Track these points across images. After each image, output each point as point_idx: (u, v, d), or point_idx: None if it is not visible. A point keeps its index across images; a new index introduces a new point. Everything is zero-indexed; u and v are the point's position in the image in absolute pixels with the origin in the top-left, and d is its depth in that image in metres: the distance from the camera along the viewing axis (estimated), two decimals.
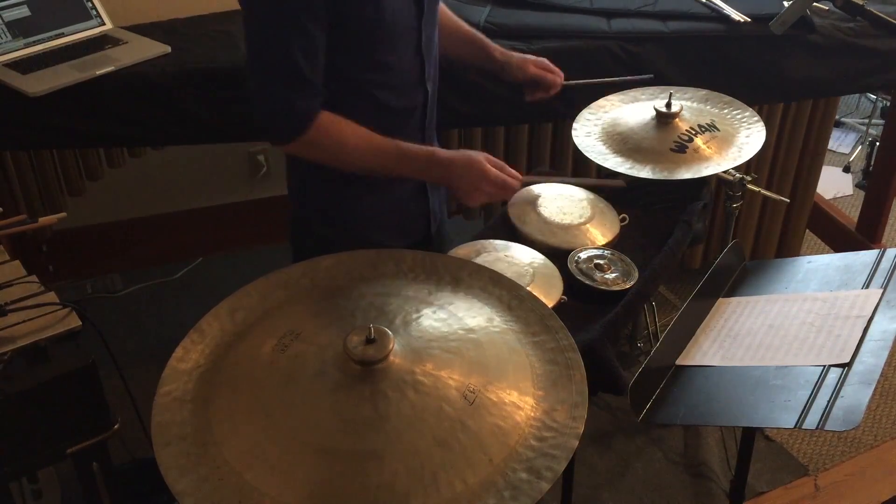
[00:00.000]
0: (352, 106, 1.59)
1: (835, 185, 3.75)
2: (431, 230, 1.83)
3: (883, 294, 1.45)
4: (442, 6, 1.81)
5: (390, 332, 1.11)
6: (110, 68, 2.08)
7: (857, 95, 4.28)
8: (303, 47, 1.47)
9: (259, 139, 2.39)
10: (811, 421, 1.22)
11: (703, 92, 2.07)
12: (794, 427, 1.22)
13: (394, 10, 1.53)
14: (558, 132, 2.49)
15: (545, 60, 1.94)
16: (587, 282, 1.60)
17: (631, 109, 2.01)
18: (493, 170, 1.62)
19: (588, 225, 1.76)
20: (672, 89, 2.03)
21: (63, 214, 1.73)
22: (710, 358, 1.44)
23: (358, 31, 1.52)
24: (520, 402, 1.10)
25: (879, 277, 1.50)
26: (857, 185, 3.75)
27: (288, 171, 1.76)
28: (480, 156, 1.62)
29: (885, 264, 1.53)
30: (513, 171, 1.65)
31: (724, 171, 1.88)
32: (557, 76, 1.95)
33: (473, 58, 1.91)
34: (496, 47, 1.91)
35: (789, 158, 2.72)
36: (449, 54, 1.85)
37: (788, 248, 2.92)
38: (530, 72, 1.91)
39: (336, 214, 1.72)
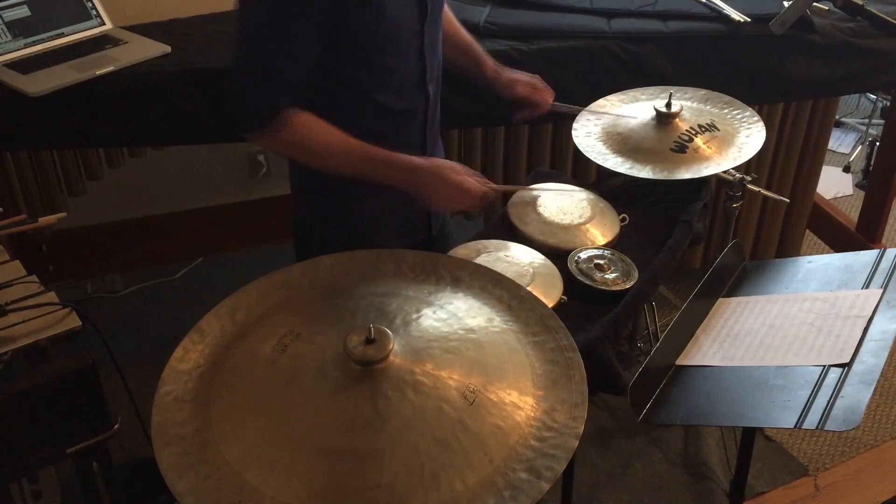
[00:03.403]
0: (351, 108, 1.59)
1: (835, 185, 3.75)
2: (433, 231, 1.82)
3: (883, 294, 1.45)
4: (446, 9, 1.80)
5: (390, 332, 1.11)
6: (110, 68, 2.08)
7: (857, 95, 4.28)
8: (288, 47, 1.47)
9: None
10: (811, 421, 1.22)
11: (703, 92, 2.07)
12: (794, 427, 1.22)
13: (395, 14, 1.53)
14: (558, 132, 2.49)
15: (536, 80, 1.91)
16: (587, 282, 1.60)
17: (631, 109, 2.01)
18: (459, 178, 1.58)
19: (588, 225, 1.76)
20: (672, 89, 2.03)
21: (63, 214, 1.73)
22: (710, 358, 1.44)
23: (358, 34, 1.51)
24: (520, 402, 1.10)
25: (879, 277, 1.50)
26: (857, 185, 3.75)
27: (291, 171, 1.76)
28: (448, 164, 1.59)
29: (885, 264, 1.53)
30: (482, 181, 1.61)
31: (724, 171, 1.88)
32: (545, 98, 1.91)
33: (466, 68, 1.88)
34: (489, 61, 1.88)
35: (789, 158, 2.72)
36: (445, 58, 1.84)
37: (788, 248, 2.92)
38: (518, 91, 1.88)
39: (337, 215, 1.72)
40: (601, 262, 1.65)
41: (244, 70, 1.52)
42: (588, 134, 1.97)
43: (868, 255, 1.58)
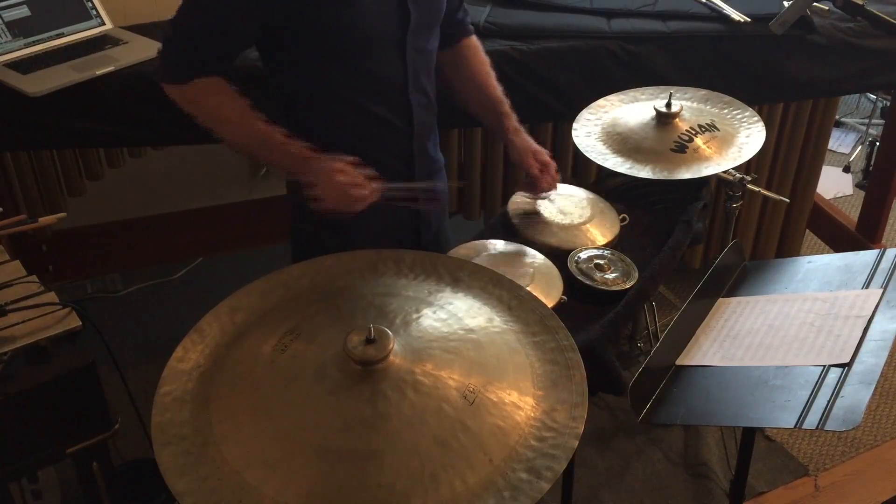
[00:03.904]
0: (334, 110, 1.59)
1: (835, 185, 3.75)
2: (422, 241, 1.80)
3: (883, 294, 1.45)
4: (480, 54, 1.79)
5: (390, 332, 1.11)
6: (110, 68, 2.08)
7: (857, 95, 4.28)
8: (223, 26, 1.50)
9: None
10: (811, 421, 1.22)
11: (703, 92, 2.07)
12: (794, 427, 1.22)
13: (371, 16, 1.52)
14: (558, 132, 2.49)
15: (548, 160, 1.77)
16: (587, 282, 1.60)
17: (631, 109, 2.01)
18: (347, 184, 1.53)
19: (588, 225, 1.76)
20: (672, 89, 2.03)
21: (63, 214, 1.73)
22: (710, 358, 1.44)
23: (330, 32, 1.51)
24: (520, 402, 1.10)
25: (879, 277, 1.50)
26: (857, 185, 3.75)
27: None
28: (342, 167, 1.54)
29: (885, 264, 1.53)
30: (372, 188, 1.55)
31: (724, 171, 1.88)
32: (549, 184, 1.76)
33: (486, 119, 1.80)
34: (512, 122, 1.76)
35: (789, 158, 2.72)
36: (466, 105, 1.80)
37: (788, 248, 2.92)
38: (525, 163, 1.75)
39: (328, 218, 1.71)
40: (601, 262, 1.65)
41: (177, 29, 1.53)
42: (588, 134, 1.97)
43: (868, 255, 1.58)
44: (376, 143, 1.64)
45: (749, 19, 2.35)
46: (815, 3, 2.43)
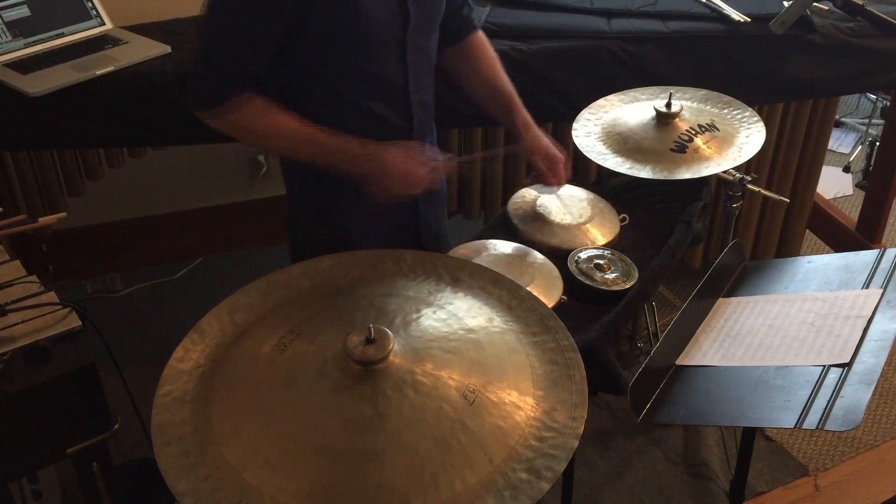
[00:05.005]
0: (334, 109, 1.59)
1: (835, 185, 3.75)
2: (421, 239, 1.80)
3: (883, 294, 1.45)
4: (488, 49, 1.78)
5: (390, 332, 1.11)
6: (110, 68, 2.08)
7: (857, 95, 4.28)
8: (249, 42, 1.49)
9: None
10: (811, 421, 1.22)
11: (703, 92, 2.07)
12: (794, 427, 1.22)
13: (373, 18, 1.52)
14: (558, 132, 2.49)
15: (558, 158, 1.75)
16: (587, 282, 1.60)
17: (631, 109, 2.01)
18: (403, 168, 1.55)
19: (588, 225, 1.76)
20: (672, 89, 2.03)
21: (63, 214, 1.73)
22: (710, 358, 1.44)
23: (333, 34, 1.51)
24: (520, 402, 1.10)
25: (879, 277, 1.50)
26: (857, 185, 3.75)
27: (283, 171, 1.76)
28: (393, 155, 1.55)
29: (885, 264, 1.53)
30: (433, 162, 1.56)
31: (724, 171, 1.88)
32: (558, 181, 1.76)
33: (496, 114, 1.79)
34: (523, 116, 1.75)
35: (789, 158, 2.72)
36: (476, 101, 1.80)
37: (788, 248, 2.92)
38: (534, 159, 1.74)
39: (326, 215, 1.71)
40: (601, 262, 1.65)
41: (204, 56, 1.53)
42: (588, 134, 1.97)
43: (868, 255, 1.58)
44: (379, 142, 1.65)
45: (749, 19, 2.35)
46: (815, 3, 2.43)
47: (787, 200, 2.67)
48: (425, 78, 1.68)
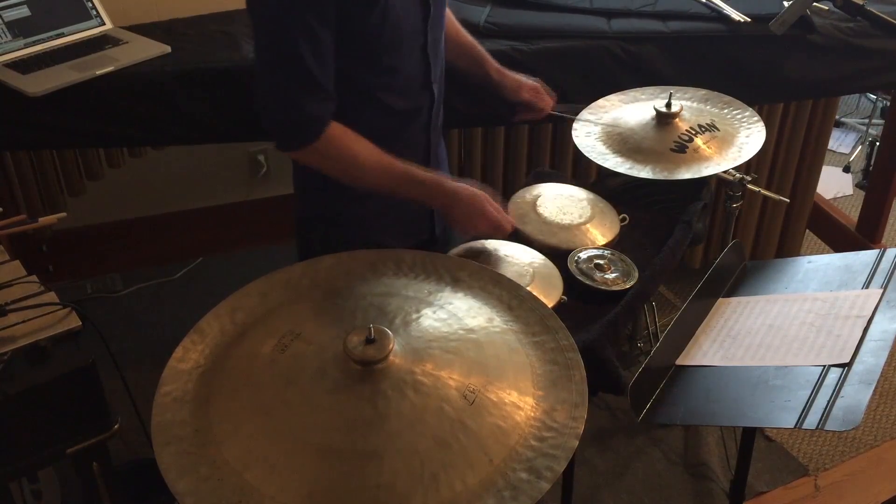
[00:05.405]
0: (356, 108, 1.59)
1: (835, 185, 3.75)
2: (436, 231, 1.82)
3: (883, 294, 1.45)
4: (450, 15, 1.80)
5: (390, 332, 1.11)
6: (110, 68, 2.08)
7: (857, 95, 4.28)
8: (313, 50, 1.45)
9: (259, 139, 2.39)
10: (811, 421, 1.22)
11: (703, 92, 2.07)
12: (794, 427, 1.22)
13: (399, 14, 1.52)
14: (558, 132, 2.49)
15: (537, 86, 1.93)
16: (587, 282, 1.60)
17: (631, 109, 2.01)
18: (492, 210, 1.61)
19: (588, 225, 1.76)
20: (672, 89, 2.03)
21: (63, 214, 1.73)
22: (710, 358, 1.44)
23: (363, 34, 1.51)
24: (520, 402, 1.10)
25: (879, 277, 1.50)
26: (857, 185, 3.75)
27: (294, 171, 1.76)
28: (483, 194, 1.61)
29: (885, 264, 1.53)
30: (508, 217, 1.64)
31: (724, 171, 1.88)
32: (548, 103, 1.94)
33: (469, 69, 1.89)
34: (493, 63, 1.89)
35: (789, 158, 2.72)
36: (447, 60, 1.83)
37: (788, 248, 2.92)
38: (521, 96, 1.92)
39: (340, 215, 1.72)
40: (601, 262, 1.65)
41: (277, 82, 1.49)
42: (588, 134, 1.97)
43: (868, 255, 1.58)
44: (399, 136, 1.65)
45: (749, 19, 2.35)
46: (815, 3, 2.43)
47: (787, 200, 2.67)
48: (441, 68, 1.71)
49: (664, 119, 1.92)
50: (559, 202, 1.81)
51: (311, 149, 1.52)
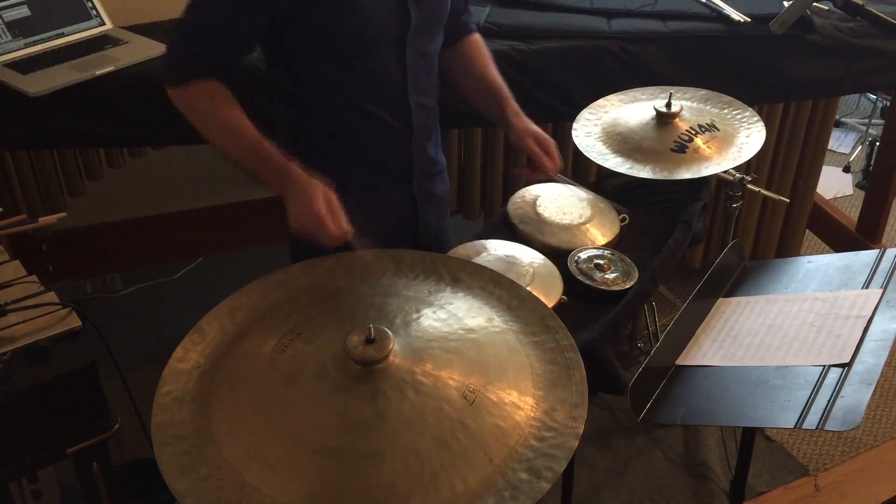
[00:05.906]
0: (336, 110, 1.59)
1: (835, 185, 3.75)
2: (421, 242, 1.79)
3: (883, 294, 1.45)
4: (481, 47, 1.79)
5: (390, 332, 1.11)
6: (110, 68, 2.08)
7: (857, 95, 4.28)
8: (228, 28, 1.50)
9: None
10: (811, 421, 1.22)
11: (703, 92, 2.07)
12: (794, 427, 1.22)
13: (371, 15, 1.51)
14: (558, 132, 2.49)
15: (550, 142, 1.75)
16: (587, 282, 1.60)
17: (631, 109, 2.01)
18: (322, 210, 1.45)
19: (588, 225, 1.76)
20: (672, 89, 2.03)
21: (63, 214, 1.73)
22: (710, 358, 1.44)
23: (334, 33, 1.51)
24: (520, 402, 1.10)
25: (879, 277, 1.50)
26: (857, 185, 3.75)
27: None
28: (320, 191, 1.48)
29: (885, 264, 1.53)
30: (343, 224, 1.47)
31: (724, 171, 1.88)
32: (549, 165, 1.74)
33: (487, 108, 1.79)
34: (513, 106, 1.76)
35: (789, 158, 2.72)
36: (468, 98, 1.80)
37: (788, 248, 2.92)
38: (526, 144, 1.74)
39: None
40: (601, 262, 1.65)
41: (182, 32, 1.54)
42: (588, 134, 1.97)
43: (868, 255, 1.58)
44: (374, 142, 1.65)
45: (749, 19, 2.35)
46: (815, 3, 2.43)
47: (787, 200, 2.67)
48: (425, 80, 1.67)
49: (664, 119, 1.92)
50: (559, 202, 1.81)
51: (181, 92, 1.54)
